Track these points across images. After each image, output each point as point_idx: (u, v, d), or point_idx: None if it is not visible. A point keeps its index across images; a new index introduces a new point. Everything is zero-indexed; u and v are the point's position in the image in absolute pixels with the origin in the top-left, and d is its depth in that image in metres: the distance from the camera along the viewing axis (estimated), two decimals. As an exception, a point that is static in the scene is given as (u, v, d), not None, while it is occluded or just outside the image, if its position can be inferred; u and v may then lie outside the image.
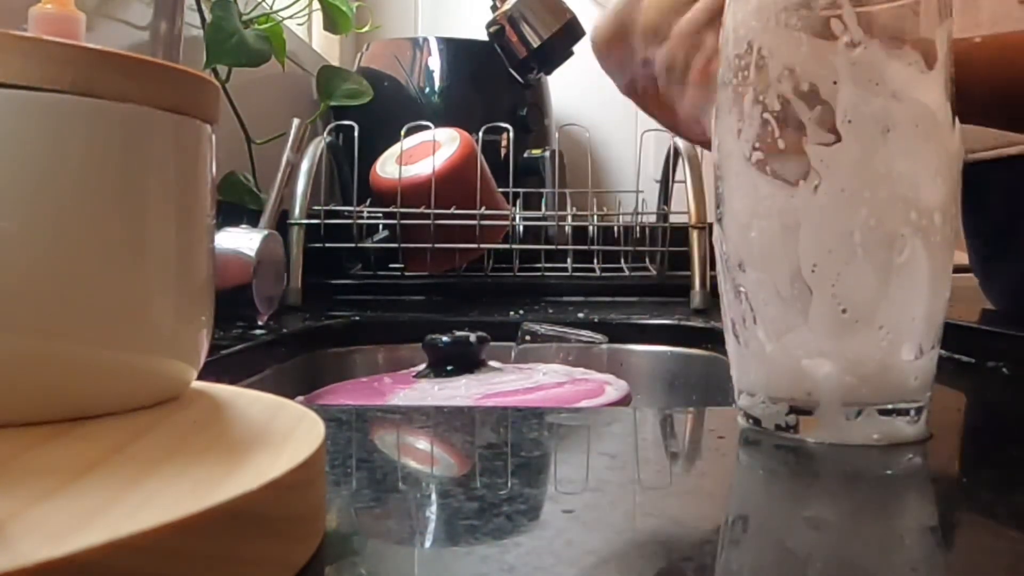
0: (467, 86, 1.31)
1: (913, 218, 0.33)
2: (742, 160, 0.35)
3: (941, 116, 0.33)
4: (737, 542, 0.25)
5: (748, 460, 0.34)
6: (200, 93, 0.27)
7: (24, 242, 0.23)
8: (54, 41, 0.24)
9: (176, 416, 0.25)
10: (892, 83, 0.33)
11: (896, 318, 0.33)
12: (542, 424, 0.38)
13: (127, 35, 0.81)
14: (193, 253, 0.27)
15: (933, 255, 0.33)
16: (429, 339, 0.73)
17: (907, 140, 0.33)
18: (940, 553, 0.24)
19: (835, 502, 0.29)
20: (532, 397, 0.66)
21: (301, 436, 0.23)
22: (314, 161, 1.02)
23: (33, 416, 0.23)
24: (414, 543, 0.24)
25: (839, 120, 0.33)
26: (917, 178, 0.33)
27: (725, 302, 0.37)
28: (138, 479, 0.19)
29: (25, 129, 0.23)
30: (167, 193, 0.26)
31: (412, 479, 0.31)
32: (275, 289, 0.76)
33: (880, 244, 0.33)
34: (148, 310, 0.25)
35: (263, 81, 1.07)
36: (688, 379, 0.88)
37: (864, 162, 0.33)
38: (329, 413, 0.40)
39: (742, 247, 0.35)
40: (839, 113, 0.33)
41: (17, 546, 0.15)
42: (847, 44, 0.33)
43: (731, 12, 0.36)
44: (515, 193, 1.20)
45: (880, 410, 0.34)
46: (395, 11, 1.57)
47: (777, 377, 0.35)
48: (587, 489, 0.29)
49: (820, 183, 0.33)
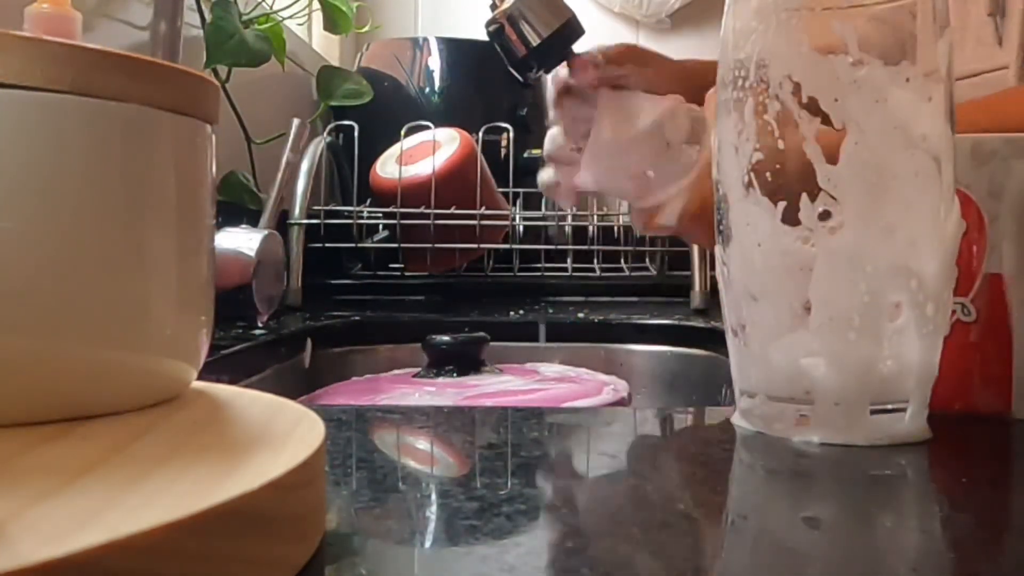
0: (467, 86, 1.31)
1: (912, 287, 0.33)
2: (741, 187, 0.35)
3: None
4: (737, 542, 0.25)
5: (748, 460, 0.34)
6: (200, 93, 0.27)
7: (24, 242, 0.23)
8: (54, 41, 0.24)
9: (176, 416, 0.25)
10: (896, 110, 0.33)
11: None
12: (542, 424, 0.38)
13: (127, 35, 0.81)
14: (193, 253, 0.27)
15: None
16: (429, 339, 0.73)
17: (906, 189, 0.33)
18: (940, 553, 0.24)
19: (835, 502, 0.29)
20: (532, 397, 0.66)
21: (301, 436, 0.23)
22: (314, 161, 1.02)
23: (33, 416, 0.23)
24: (414, 543, 0.24)
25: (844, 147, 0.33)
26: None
27: (726, 304, 0.37)
28: (138, 479, 0.19)
29: (25, 129, 0.23)
30: (167, 193, 0.26)
31: (412, 479, 0.31)
32: (275, 289, 0.76)
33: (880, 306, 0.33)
34: (148, 310, 0.25)
35: (263, 81, 1.07)
36: (688, 379, 0.88)
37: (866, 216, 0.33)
38: (329, 413, 0.40)
39: (746, 274, 0.35)
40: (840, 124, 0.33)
41: (17, 546, 0.15)
42: (852, 64, 0.33)
43: (731, 13, 0.36)
44: (515, 193, 1.20)
45: (880, 410, 0.34)
46: (395, 11, 1.57)
47: (777, 377, 0.35)
48: (587, 489, 0.29)
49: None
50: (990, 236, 0.38)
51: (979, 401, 0.39)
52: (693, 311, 1.00)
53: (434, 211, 1.02)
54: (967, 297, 0.38)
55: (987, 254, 0.38)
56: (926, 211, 0.33)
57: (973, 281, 0.38)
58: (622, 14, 1.56)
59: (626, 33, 1.58)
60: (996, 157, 0.38)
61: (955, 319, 0.38)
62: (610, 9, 1.56)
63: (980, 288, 0.38)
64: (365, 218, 1.08)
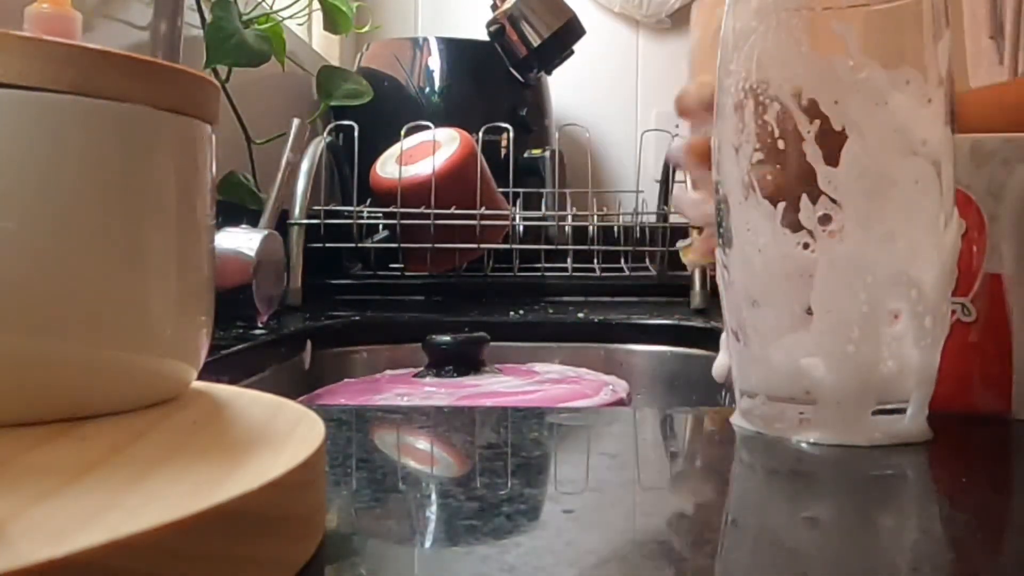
0: (467, 86, 1.31)
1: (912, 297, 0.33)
2: (741, 190, 0.35)
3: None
4: (737, 542, 0.25)
5: (748, 460, 0.34)
6: (200, 93, 0.27)
7: (24, 242, 0.23)
8: (54, 41, 0.24)
9: (176, 416, 0.25)
10: (896, 113, 0.33)
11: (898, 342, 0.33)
12: (542, 424, 0.38)
13: (127, 35, 0.81)
14: (193, 253, 0.27)
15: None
16: (429, 339, 0.73)
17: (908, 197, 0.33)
18: (940, 553, 0.24)
19: (835, 502, 0.29)
20: (532, 397, 0.66)
21: (301, 436, 0.23)
22: (314, 161, 1.02)
23: (33, 416, 0.23)
24: (414, 543, 0.24)
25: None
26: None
27: (726, 306, 0.37)
28: (138, 479, 0.19)
29: (25, 129, 0.23)
30: (167, 193, 0.26)
31: (412, 479, 0.31)
32: (275, 289, 0.76)
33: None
34: (148, 310, 0.25)
35: (263, 81, 1.07)
36: (688, 379, 0.88)
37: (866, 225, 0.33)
38: (329, 413, 0.40)
39: (747, 279, 0.35)
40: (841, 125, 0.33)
41: (17, 546, 0.15)
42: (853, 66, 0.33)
43: (732, 13, 0.36)
44: (515, 193, 1.20)
45: (880, 410, 0.34)
46: (395, 11, 1.57)
47: (777, 377, 0.35)
48: (587, 489, 0.29)
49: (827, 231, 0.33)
50: (990, 236, 0.38)
51: (979, 401, 0.39)
52: (693, 311, 1.00)
53: (434, 211, 1.02)
54: (967, 297, 0.38)
55: (987, 254, 0.38)
56: (926, 219, 0.33)
57: (973, 281, 0.38)
58: (622, 14, 1.56)
59: (626, 33, 1.58)
60: (996, 157, 0.38)
61: (955, 319, 0.38)
62: (610, 9, 1.56)
63: (980, 288, 0.38)
64: (365, 218, 1.08)
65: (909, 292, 0.33)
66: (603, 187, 1.54)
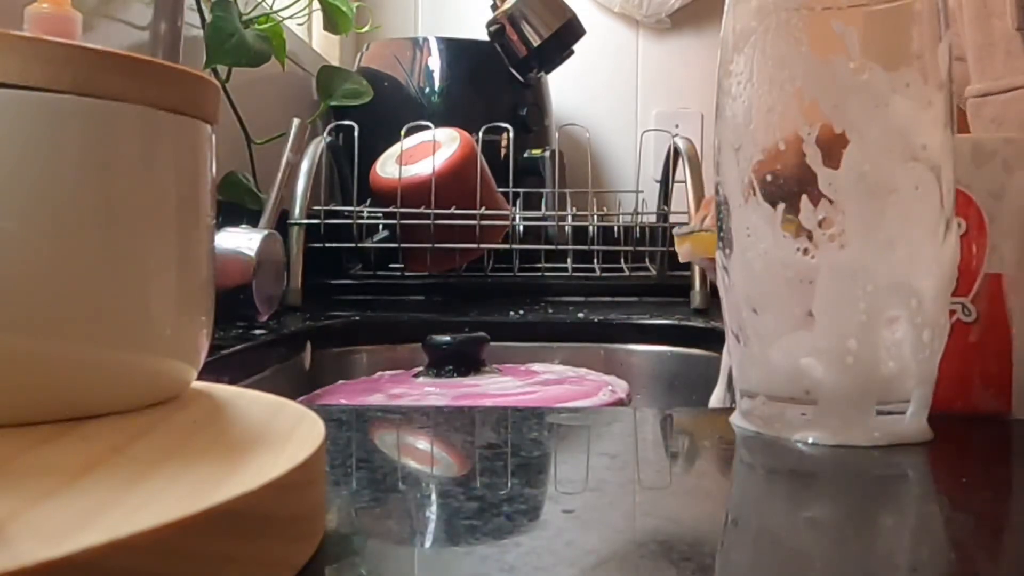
0: (467, 86, 1.31)
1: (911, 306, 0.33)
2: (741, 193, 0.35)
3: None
4: (737, 542, 0.25)
5: (748, 460, 0.34)
6: (200, 93, 0.27)
7: (24, 242, 0.23)
8: (54, 41, 0.24)
9: (176, 416, 0.25)
10: (896, 116, 0.33)
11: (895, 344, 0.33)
12: (542, 424, 0.38)
13: (127, 35, 0.81)
14: (193, 253, 0.27)
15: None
16: (429, 339, 0.73)
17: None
18: (940, 553, 0.24)
19: (835, 502, 0.29)
20: (532, 397, 0.66)
21: (301, 436, 0.23)
22: (314, 161, 1.02)
23: (33, 416, 0.23)
24: (414, 543, 0.24)
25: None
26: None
27: (726, 308, 0.37)
28: (138, 479, 0.19)
29: (25, 129, 0.23)
30: (167, 193, 0.26)
31: (412, 479, 0.31)
32: (275, 289, 0.76)
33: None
34: (148, 310, 0.25)
35: (263, 81, 1.07)
36: (688, 379, 0.88)
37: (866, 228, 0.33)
38: (329, 413, 0.40)
39: (747, 283, 0.35)
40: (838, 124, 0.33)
41: (17, 546, 0.15)
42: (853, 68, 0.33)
43: (732, 13, 0.36)
44: (515, 193, 1.20)
45: (880, 410, 0.34)
46: (395, 11, 1.57)
47: (777, 377, 0.35)
48: (587, 489, 0.29)
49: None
50: (990, 236, 0.38)
51: (979, 401, 0.39)
52: (693, 311, 1.00)
53: (434, 211, 1.02)
54: (967, 297, 0.38)
55: (987, 254, 0.38)
56: (925, 227, 0.33)
57: (973, 281, 0.38)
58: (622, 14, 1.56)
59: (626, 33, 1.58)
60: (996, 158, 0.38)
61: (955, 319, 0.38)
62: (610, 9, 1.56)
63: (980, 288, 0.38)
64: (365, 218, 1.08)
65: (909, 301, 0.33)
66: (603, 187, 1.54)
